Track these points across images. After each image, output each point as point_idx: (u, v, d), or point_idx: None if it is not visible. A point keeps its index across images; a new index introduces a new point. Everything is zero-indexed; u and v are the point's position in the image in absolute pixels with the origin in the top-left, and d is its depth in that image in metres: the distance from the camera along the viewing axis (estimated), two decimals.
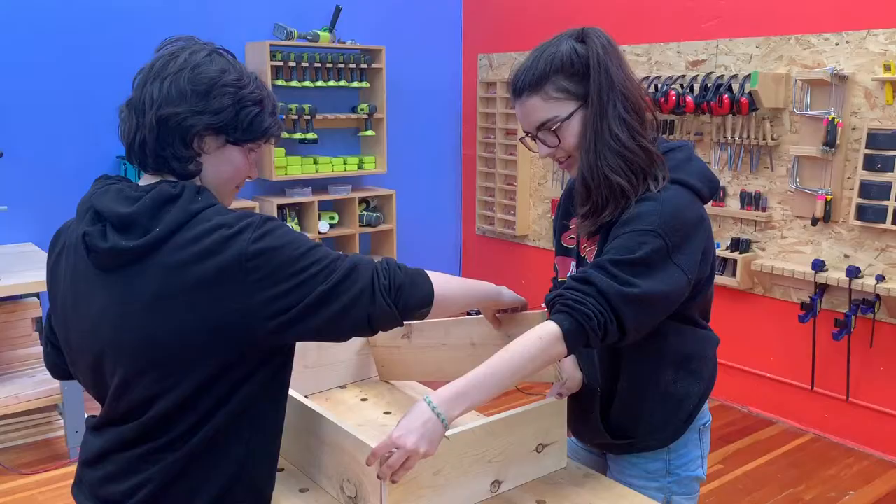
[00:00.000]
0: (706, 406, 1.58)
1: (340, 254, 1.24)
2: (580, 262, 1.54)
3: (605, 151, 1.37)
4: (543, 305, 1.41)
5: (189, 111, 1.21)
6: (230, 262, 1.15)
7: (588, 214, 1.42)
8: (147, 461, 1.22)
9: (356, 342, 1.95)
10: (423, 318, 1.32)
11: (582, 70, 1.38)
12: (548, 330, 1.29)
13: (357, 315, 1.21)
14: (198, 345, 1.17)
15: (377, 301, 1.21)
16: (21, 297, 3.49)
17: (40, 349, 3.66)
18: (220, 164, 1.28)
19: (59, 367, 1.43)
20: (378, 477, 1.26)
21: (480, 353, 1.66)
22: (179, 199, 1.19)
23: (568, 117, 1.40)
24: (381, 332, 1.88)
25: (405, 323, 1.32)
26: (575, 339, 1.29)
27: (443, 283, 1.32)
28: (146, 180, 1.27)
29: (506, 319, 1.59)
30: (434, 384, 1.88)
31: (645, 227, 1.32)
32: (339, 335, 1.25)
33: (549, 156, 1.46)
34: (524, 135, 1.48)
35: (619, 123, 1.37)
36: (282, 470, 1.53)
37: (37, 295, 3.57)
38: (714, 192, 1.46)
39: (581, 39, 1.40)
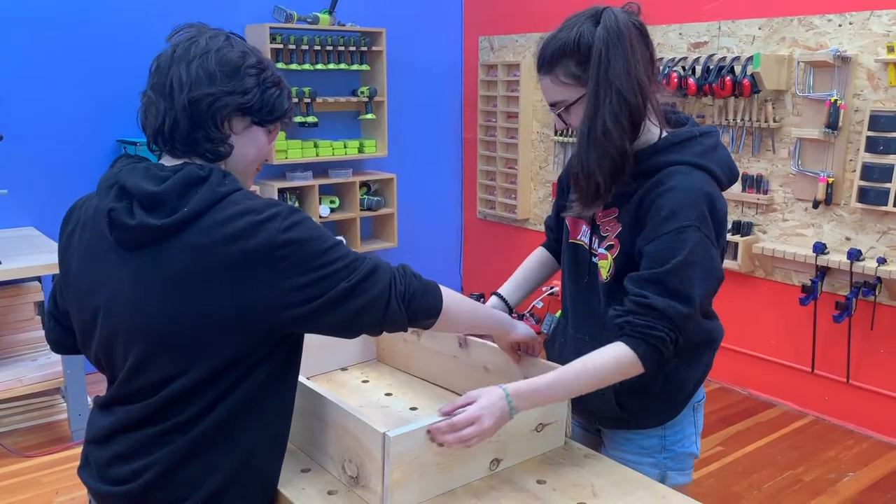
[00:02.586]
0: (702, 385, 1.61)
1: (360, 253, 1.26)
2: (594, 227, 1.54)
3: (593, 146, 1.38)
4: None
5: (221, 92, 1.23)
6: (259, 248, 1.16)
7: (577, 200, 1.45)
8: (156, 442, 1.22)
9: None
10: (427, 329, 1.35)
11: (588, 57, 1.37)
12: (623, 352, 1.37)
13: (373, 316, 1.24)
14: (217, 328, 1.18)
15: (391, 306, 1.24)
16: (22, 280, 3.50)
17: (42, 333, 3.68)
18: (247, 145, 1.30)
19: (60, 342, 1.44)
20: (440, 443, 1.31)
21: (492, 379, 1.67)
22: (207, 181, 1.19)
23: (574, 102, 1.41)
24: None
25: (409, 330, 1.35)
26: (651, 361, 1.38)
27: (453, 299, 1.36)
28: (168, 162, 1.26)
29: (525, 361, 1.61)
30: (427, 384, 1.87)
31: (683, 225, 1.36)
32: (352, 333, 1.28)
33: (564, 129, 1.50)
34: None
35: (612, 121, 1.36)
36: None
37: (38, 279, 3.58)
38: (732, 182, 1.48)
39: (598, 22, 1.38)
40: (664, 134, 1.46)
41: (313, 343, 1.86)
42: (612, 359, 1.38)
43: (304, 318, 1.20)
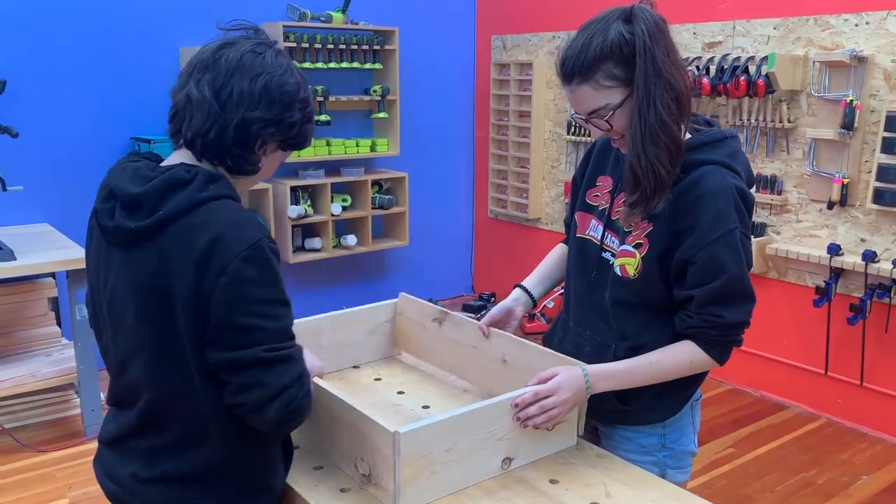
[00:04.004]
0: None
1: (293, 333, 1.22)
2: (609, 223, 1.56)
3: (651, 140, 1.37)
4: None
5: (273, 119, 1.23)
6: (213, 267, 1.14)
7: (636, 203, 1.42)
8: (150, 452, 1.26)
9: (373, 321, 1.96)
10: None
11: (631, 54, 1.36)
12: (696, 352, 1.46)
13: (254, 399, 1.18)
14: (180, 340, 1.18)
15: (271, 409, 1.18)
16: (37, 277, 3.53)
17: (56, 329, 3.73)
18: (269, 166, 1.32)
19: None
20: (519, 417, 1.41)
21: (509, 371, 1.68)
22: (190, 185, 1.18)
23: (619, 104, 1.39)
24: (411, 307, 1.93)
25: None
26: (726, 358, 1.50)
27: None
28: (175, 159, 1.27)
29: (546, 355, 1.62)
30: (440, 383, 1.87)
31: (729, 229, 1.40)
32: (230, 401, 1.21)
33: (602, 136, 1.50)
34: (573, 113, 1.48)
35: (666, 111, 1.36)
36: (297, 447, 1.54)
37: (52, 275, 3.61)
38: (750, 187, 1.49)
39: (629, 20, 1.37)
40: (687, 135, 1.46)
41: (326, 342, 1.87)
42: (687, 356, 1.46)
43: (210, 361, 1.18)
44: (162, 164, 1.25)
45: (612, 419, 1.59)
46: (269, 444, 1.32)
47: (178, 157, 1.27)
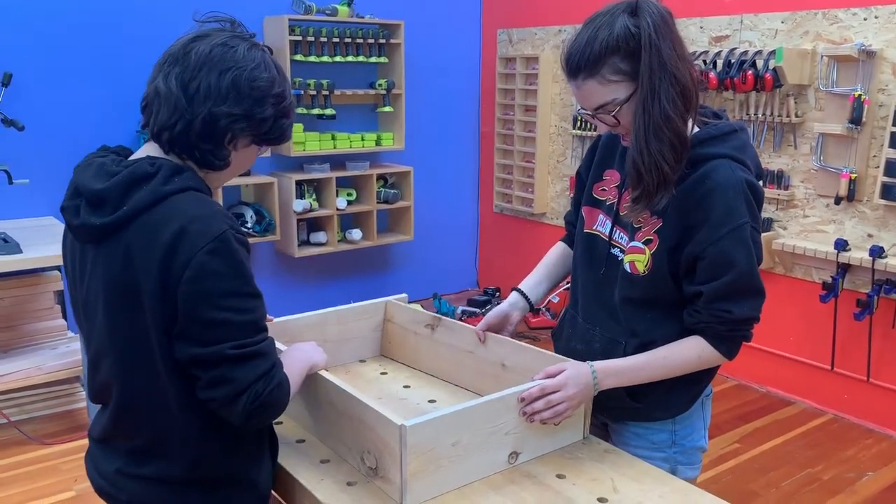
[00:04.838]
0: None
1: (264, 325, 1.21)
2: (617, 219, 1.54)
3: (654, 135, 1.35)
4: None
5: (241, 115, 1.21)
6: (177, 262, 1.13)
7: (639, 199, 1.41)
8: (132, 451, 1.28)
9: (380, 316, 1.96)
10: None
11: (637, 48, 1.34)
12: (704, 347, 1.46)
13: (223, 394, 1.17)
14: (147, 337, 1.18)
15: (239, 403, 1.17)
16: (42, 269, 3.53)
17: (62, 322, 3.72)
18: (242, 161, 1.30)
19: None
20: (526, 411, 1.40)
21: (510, 377, 1.65)
22: (153, 179, 1.17)
23: (626, 99, 1.37)
24: (400, 313, 1.90)
25: None
26: (735, 353, 1.49)
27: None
28: (143, 152, 1.26)
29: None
30: (430, 379, 1.86)
31: (738, 224, 1.39)
32: (201, 395, 1.20)
33: (609, 131, 1.48)
34: (580, 108, 1.46)
35: (671, 106, 1.34)
36: (303, 441, 1.54)
37: (58, 268, 3.60)
38: (758, 180, 1.48)
39: (634, 13, 1.35)
40: (695, 129, 1.45)
41: (332, 336, 1.87)
42: (695, 351, 1.46)
43: (177, 357, 1.17)
44: (129, 158, 1.24)
45: (622, 416, 1.59)
46: (249, 439, 1.31)
47: (147, 150, 1.26)
